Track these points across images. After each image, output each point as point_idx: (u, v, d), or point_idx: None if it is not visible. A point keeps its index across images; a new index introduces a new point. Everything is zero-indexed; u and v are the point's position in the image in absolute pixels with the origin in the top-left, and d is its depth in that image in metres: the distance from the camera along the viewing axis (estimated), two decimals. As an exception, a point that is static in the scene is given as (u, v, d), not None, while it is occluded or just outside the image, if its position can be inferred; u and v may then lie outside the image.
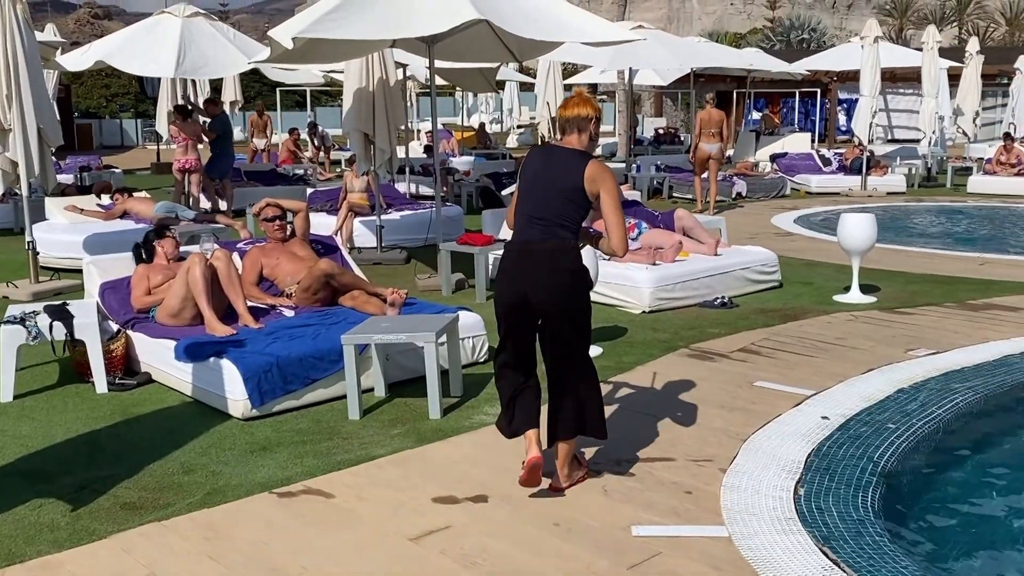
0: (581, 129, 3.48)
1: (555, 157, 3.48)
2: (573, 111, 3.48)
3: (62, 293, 7.10)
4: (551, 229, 3.38)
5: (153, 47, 11.00)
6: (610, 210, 3.37)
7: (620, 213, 3.40)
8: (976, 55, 18.04)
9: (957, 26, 53.70)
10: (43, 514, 3.38)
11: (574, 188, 3.38)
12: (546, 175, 3.45)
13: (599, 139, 3.63)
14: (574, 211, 3.41)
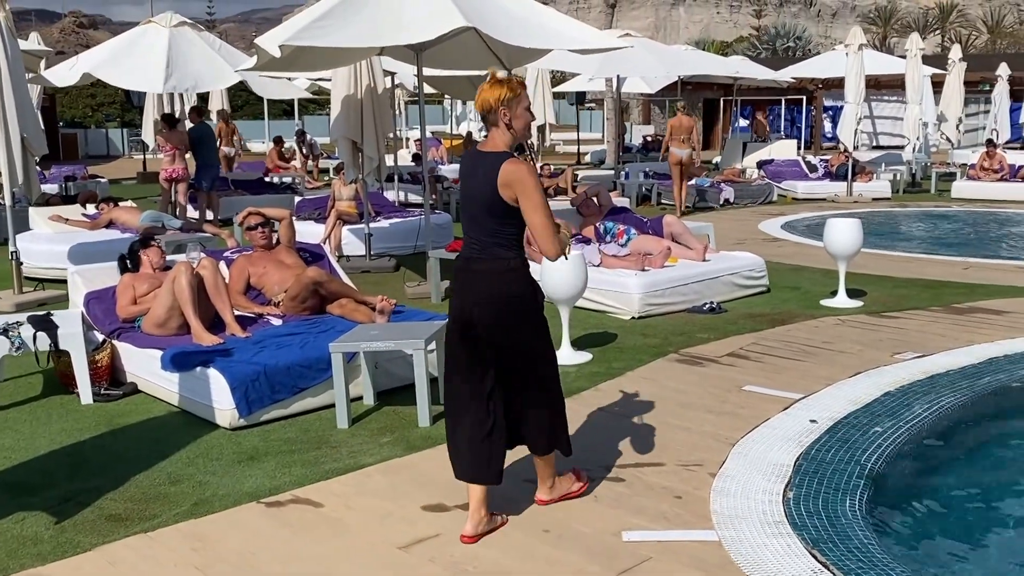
0: (493, 122, 3.06)
1: (476, 165, 3.09)
2: (478, 103, 3.08)
3: (46, 304, 7.04)
4: (487, 249, 3.07)
5: (141, 60, 10.97)
6: (530, 214, 2.97)
7: (543, 215, 2.98)
8: (959, 62, 18.23)
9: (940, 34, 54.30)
10: (27, 527, 3.34)
11: (493, 201, 3.01)
12: (469, 188, 3.11)
13: (527, 125, 3.11)
14: (504, 225, 3.04)
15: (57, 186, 14.42)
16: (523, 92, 3.09)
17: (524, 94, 3.09)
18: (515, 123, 3.06)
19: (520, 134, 3.10)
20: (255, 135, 30.54)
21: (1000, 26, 56.48)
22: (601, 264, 6.96)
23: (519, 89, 3.07)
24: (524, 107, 3.08)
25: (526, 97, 3.10)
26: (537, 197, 2.98)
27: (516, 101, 3.05)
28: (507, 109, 3.05)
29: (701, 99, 30.72)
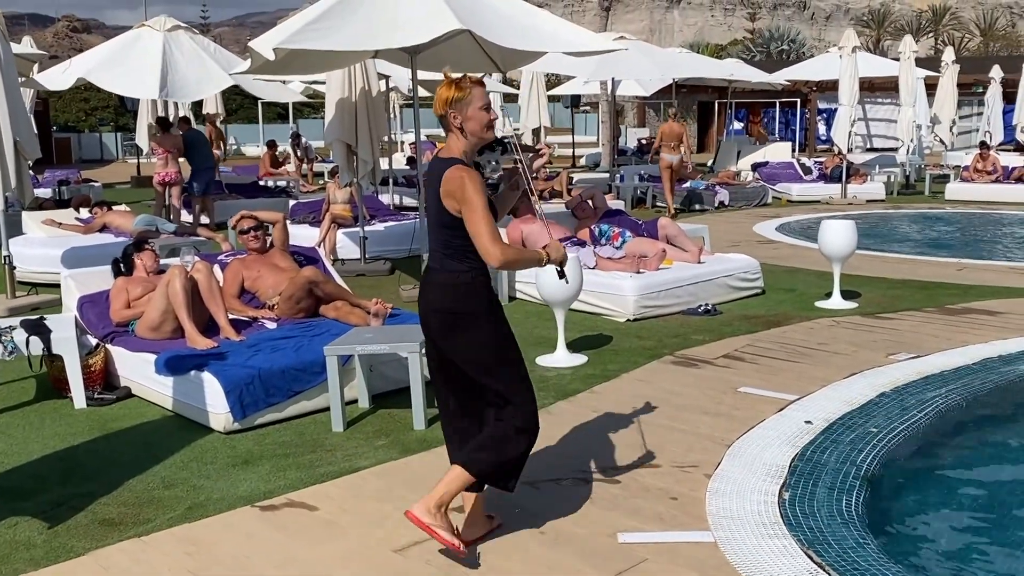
0: (447, 127, 2.92)
1: (431, 173, 3.00)
2: (434, 105, 2.96)
3: (39, 308, 7.01)
4: (441, 260, 2.98)
5: (135, 65, 10.95)
6: (469, 221, 2.82)
7: (482, 221, 2.80)
8: (952, 64, 18.30)
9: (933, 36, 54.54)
10: (19, 532, 3.32)
11: (439, 211, 2.92)
12: (427, 197, 3.02)
13: (485, 127, 2.91)
14: (453, 236, 2.91)
15: (50, 190, 14.38)
16: (474, 92, 2.87)
17: (476, 94, 2.87)
18: (468, 126, 2.89)
19: (478, 137, 2.93)
20: (250, 139, 30.52)
21: (993, 29, 56.75)
22: (596, 266, 6.96)
23: (469, 89, 2.87)
24: (478, 107, 2.88)
25: (480, 96, 2.89)
26: (476, 201, 2.80)
27: (465, 103, 2.87)
28: (456, 112, 2.88)
29: (695, 102, 30.78)
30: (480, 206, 2.81)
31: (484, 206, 2.82)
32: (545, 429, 4.28)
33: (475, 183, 2.82)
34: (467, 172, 2.85)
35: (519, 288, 7.39)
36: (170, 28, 11.47)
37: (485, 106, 2.90)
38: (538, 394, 4.76)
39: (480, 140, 2.94)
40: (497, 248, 2.80)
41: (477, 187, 2.83)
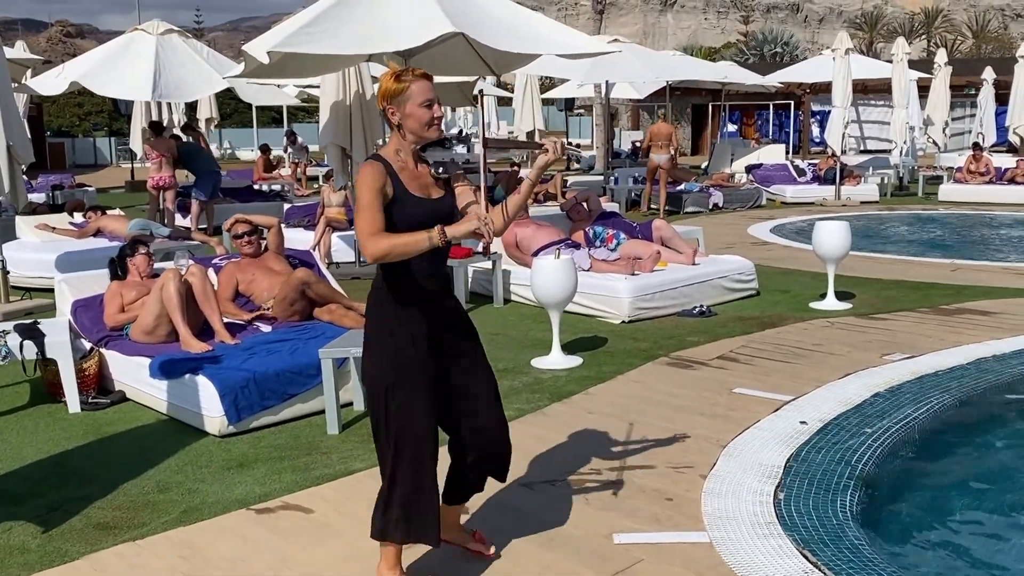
0: (388, 124, 2.75)
1: None
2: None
3: (33, 313, 6.98)
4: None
5: (128, 68, 10.93)
6: (355, 217, 2.67)
7: (362, 216, 2.60)
8: (944, 66, 18.37)
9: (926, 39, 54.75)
10: (13, 537, 3.31)
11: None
12: None
13: (426, 124, 2.67)
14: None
15: (44, 195, 14.32)
16: (414, 86, 2.63)
17: (416, 88, 2.62)
18: (406, 123, 2.66)
19: (417, 136, 2.68)
20: (244, 143, 30.51)
21: (985, 31, 56.99)
22: (591, 268, 6.97)
23: (408, 82, 2.63)
24: (417, 103, 2.63)
25: (421, 91, 2.63)
26: (361, 196, 2.59)
27: (404, 97, 2.63)
28: (395, 107, 2.65)
29: (689, 105, 30.86)
30: (365, 201, 2.59)
31: (370, 201, 2.58)
32: (540, 431, 4.31)
33: (367, 178, 2.61)
34: (364, 167, 2.66)
35: (513, 290, 7.39)
36: (163, 32, 11.46)
37: (426, 102, 2.63)
38: (533, 396, 4.85)
39: (420, 139, 2.70)
40: (369, 242, 2.55)
41: (367, 182, 2.60)
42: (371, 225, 2.58)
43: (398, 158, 2.69)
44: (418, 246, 2.55)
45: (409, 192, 2.66)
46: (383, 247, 2.55)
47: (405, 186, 2.66)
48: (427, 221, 2.60)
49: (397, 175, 2.65)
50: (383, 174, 2.62)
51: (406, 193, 2.65)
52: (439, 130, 2.71)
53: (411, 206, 2.65)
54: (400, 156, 2.70)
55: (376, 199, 2.59)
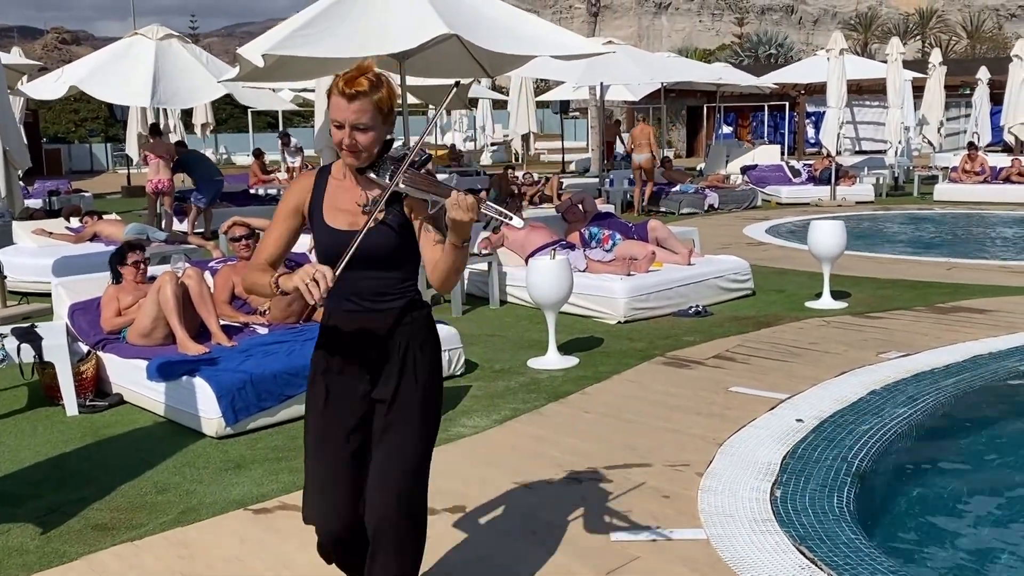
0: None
1: None
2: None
3: (31, 317, 6.99)
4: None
5: (127, 73, 10.94)
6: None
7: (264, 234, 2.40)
8: (939, 66, 18.43)
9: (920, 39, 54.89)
10: (11, 538, 3.32)
11: None
12: None
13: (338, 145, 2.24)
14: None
15: (41, 201, 14.33)
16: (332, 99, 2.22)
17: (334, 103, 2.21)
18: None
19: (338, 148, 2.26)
20: (240, 148, 30.48)
21: (979, 31, 57.15)
22: (587, 269, 6.99)
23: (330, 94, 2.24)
24: (332, 120, 2.24)
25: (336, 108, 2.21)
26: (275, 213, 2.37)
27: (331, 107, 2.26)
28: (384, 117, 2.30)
29: (684, 107, 30.91)
30: (275, 216, 2.37)
31: (276, 218, 2.35)
32: (537, 430, 4.32)
33: (290, 188, 2.39)
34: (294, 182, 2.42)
35: (510, 292, 7.41)
36: (162, 37, 11.48)
37: (336, 123, 2.23)
38: (529, 396, 4.86)
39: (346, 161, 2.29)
40: (247, 271, 2.34)
41: (286, 195, 2.37)
42: (259, 251, 2.33)
43: (342, 171, 2.34)
44: (264, 288, 2.23)
45: (323, 216, 2.30)
46: (246, 280, 2.30)
47: (323, 207, 2.30)
48: (328, 254, 2.24)
49: (324, 191, 2.32)
50: (306, 189, 2.33)
51: (319, 217, 2.30)
52: (352, 158, 2.24)
53: (318, 231, 2.31)
54: (344, 169, 2.34)
55: (284, 220, 2.32)
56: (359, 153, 2.22)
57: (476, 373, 5.36)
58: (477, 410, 4.66)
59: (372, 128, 2.20)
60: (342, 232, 2.24)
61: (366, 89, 2.18)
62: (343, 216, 2.28)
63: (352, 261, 2.14)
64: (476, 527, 3.29)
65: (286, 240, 2.33)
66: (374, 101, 2.19)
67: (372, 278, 2.28)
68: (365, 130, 2.20)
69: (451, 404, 4.75)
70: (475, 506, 3.45)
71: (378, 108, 2.20)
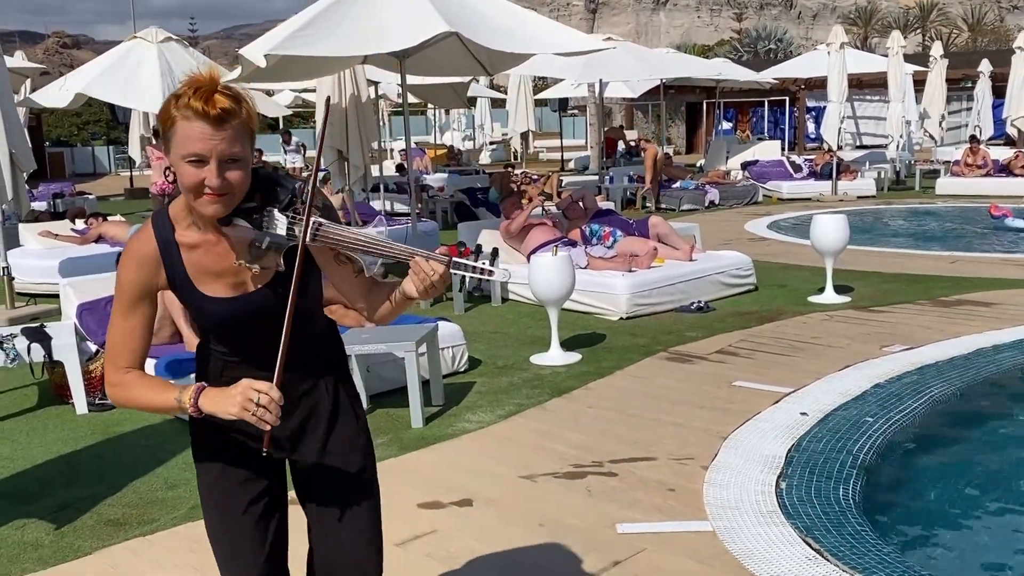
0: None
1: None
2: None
3: (39, 318, 7.04)
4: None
5: (132, 76, 10.96)
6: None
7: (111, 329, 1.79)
8: (940, 59, 18.39)
9: (921, 33, 54.74)
10: (27, 533, 3.37)
11: None
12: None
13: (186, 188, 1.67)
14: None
15: (45, 203, 14.37)
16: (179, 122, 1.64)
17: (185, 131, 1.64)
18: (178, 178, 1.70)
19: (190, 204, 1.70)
20: (241, 149, 30.40)
21: (981, 24, 57.02)
22: (588, 266, 7.01)
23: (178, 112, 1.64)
24: (181, 155, 1.66)
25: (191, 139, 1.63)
26: (116, 301, 1.79)
27: (168, 137, 1.68)
28: (163, 150, 1.73)
29: (683, 103, 30.89)
30: (118, 306, 1.76)
31: (123, 308, 1.75)
32: (541, 425, 4.35)
33: (126, 260, 1.75)
34: (133, 239, 1.78)
35: (512, 289, 7.43)
36: (162, 40, 11.51)
37: (191, 157, 1.64)
38: (533, 391, 4.89)
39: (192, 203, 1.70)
40: (109, 382, 1.77)
41: (124, 270, 1.75)
42: (116, 353, 1.75)
43: (191, 220, 1.75)
44: (166, 408, 1.73)
45: (196, 289, 1.75)
46: (121, 399, 1.76)
47: (191, 278, 1.75)
48: (234, 327, 1.78)
49: (180, 259, 1.74)
50: (151, 265, 1.74)
51: (191, 290, 1.75)
52: (216, 205, 1.67)
53: (200, 308, 1.78)
54: (194, 219, 1.75)
55: (134, 308, 1.74)
56: (231, 196, 1.66)
57: (479, 369, 5.40)
58: (481, 406, 4.69)
59: (243, 160, 1.66)
60: (235, 299, 1.76)
61: (232, 107, 1.63)
62: (222, 283, 1.76)
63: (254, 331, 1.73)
64: (483, 520, 3.32)
65: (147, 330, 1.76)
66: (244, 122, 1.66)
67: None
68: (236, 163, 1.64)
69: (455, 400, 4.79)
70: (482, 500, 3.48)
71: (248, 132, 1.67)
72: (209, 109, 1.61)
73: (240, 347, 1.81)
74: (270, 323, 1.71)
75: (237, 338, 1.79)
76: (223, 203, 1.67)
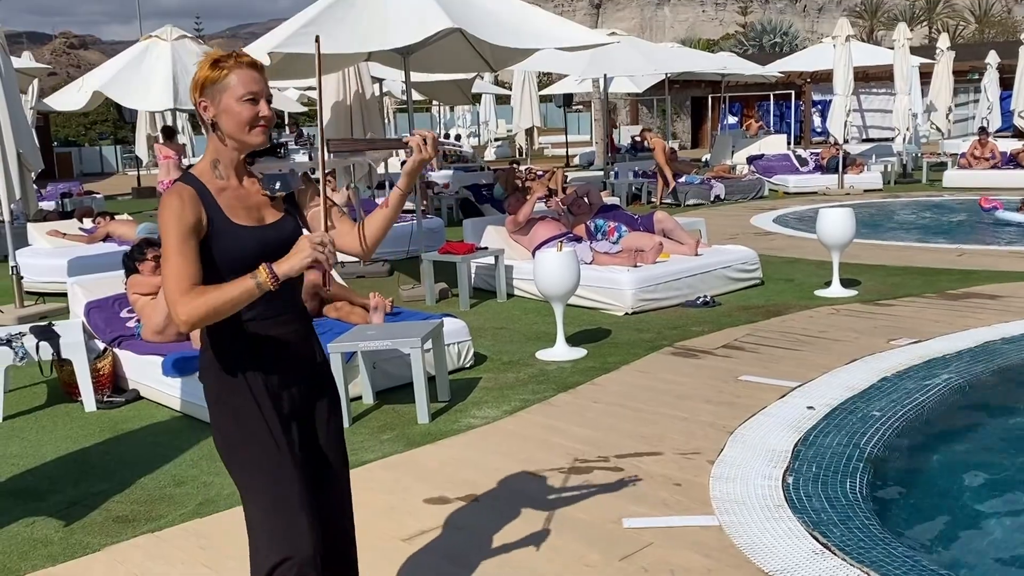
0: (203, 126, 2.12)
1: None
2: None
3: (47, 316, 7.07)
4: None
5: (147, 76, 11.02)
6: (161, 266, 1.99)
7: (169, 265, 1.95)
8: (947, 51, 18.30)
9: (927, 25, 54.41)
10: (36, 530, 3.39)
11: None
12: None
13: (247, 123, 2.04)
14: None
15: (54, 203, 14.45)
16: (233, 75, 2.01)
17: (236, 78, 2.01)
18: (222, 122, 2.03)
19: (238, 141, 2.05)
20: (247, 147, 30.51)
21: (988, 15, 56.66)
22: (593, 261, 7.00)
23: (227, 67, 2.02)
24: (236, 96, 2.02)
25: (244, 81, 2.02)
26: (167, 238, 1.96)
27: (219, 88, 2.02)
28: (207, 100, 2.04)
29: (689, 98, 30.82)
30: (171, 244, 1.94)
31: (177, 245, 1.94)
32: (547, 420, 4.35)
33: (170, 213, 1.96)
34: (166, 196, 2.00)
35: (516, 285, 7.43)
36: (176, 38, 11.56)
37: (248, 96, 2.02)
38: (539, 387, 4.89)
39: (242, 146, 2.06)
40: (180, 304, 1.90)
41: (171, 220, 1.96)
42: (181, 279, 1.92)
43: (215, 174, 2.06)
44: (245, 296, 1.92)
45: (231, 220, 2.03)
46: (200, 309, 1.90)
47: (225, 213, 2.03)
48: (259, 255, 1.98)
49: (214, 199, 2.03)
50: (193, 204, 1.99)
51: (227, 222, 2.02)
52: (264, 135, 2.06)
53: (235, 238, 2.02)
54: (218, 171, 2.07)
55: (186, 242, 1.95)
56: (270, 128, 2.09)
57: (485, 365, 5.40)
58: (487, 401, 4.70)
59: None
60: (262, 228, 2.06)
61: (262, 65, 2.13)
62: (249, 216, 2.06)
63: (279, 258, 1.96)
64: (489, 515, 3.33)
65: (199, 262, 1.97)
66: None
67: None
68: (270, 103, 2.09)
69: (461, 396, 4.80)
70: (487, 494, 3.49)
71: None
72: (246, 59, 2.06)
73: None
74: (282, 254, 1.98)
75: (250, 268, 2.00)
76: (267, 133, 2.08)
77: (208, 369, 2.08)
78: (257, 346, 2.07)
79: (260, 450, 2.04)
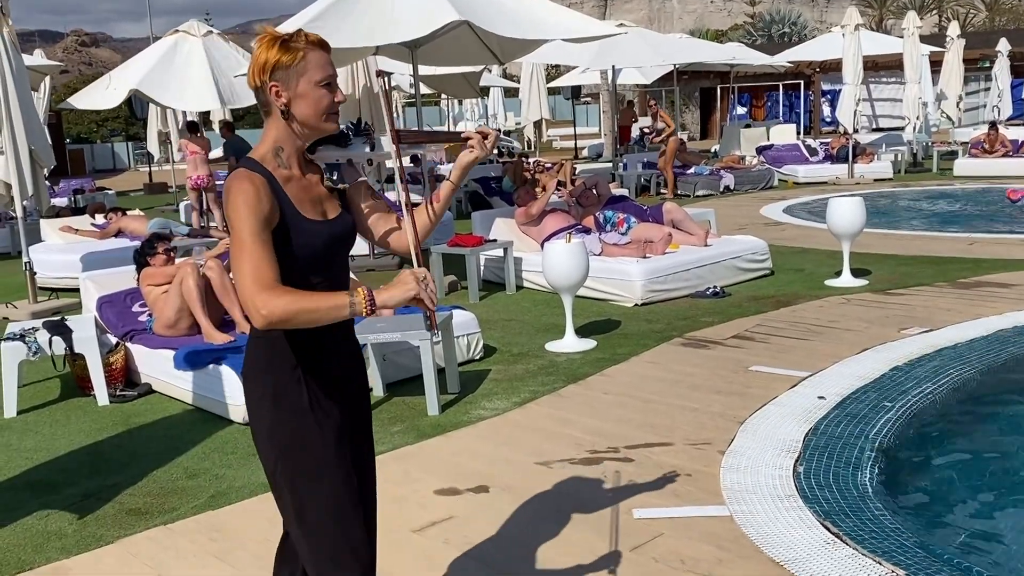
0: (265, 109, 1.94)
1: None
2: (248, 75, 1.95)
3: (60, 312, 7.12)
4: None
5: (183, 75, 10.98)
6: (231, 255, 1.84)
7: (244, 255, 1.78)
8: (957, 39, 18.15)
9: (937, 13, 53.96)
10: (50, 523, 3.42)
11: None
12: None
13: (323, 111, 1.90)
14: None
15: (66, 199, 14.55)
16: (310, 57, 1.86)
17: (313, 60, 1.87)
18: (297, 108, 1.88)
19: (312, 128, 1.91)
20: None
21: (999, 3, 56.13)
22: (602, 253, 7.00)
23: (302, 51, 1.86)
24: (315, 81, 1.87)
25: (319, 64, 1.88)
26: (240, 226, 1.79)
27: (296, 71, 1.86)
28: (280, 85, 1.87)
29: (697, 88, 30.69)
30: (246, 236, 1.78)
31: (253, 234, 1.78)
32: (557, 411, 4.35)
33: (244, 200, 1.79)
34: (236, 181, 1.83)
35: (526, 277, 7.44)
36: (204, 33, 11.55)
37: (325, 80, 1.89)
38: (548, 378, 4.90)
39: (315, 133, 1.93)
40: (261, 300, 1.73)
41: (246, 207, 1.79)
42: (261, 271, 1.76)
43: (277, 162, 1.91)
44: (333, 312, 1.76)
45: (301, 214, 1.89)
46: (285, 309, 1.74)
47: (296, 205, 1.89)
48: (325, 254, 1.92)
49: (282, 189, 1.88)
50: (267, 192, 1.83)
51: (297, 216, 1.88)
52: (337, 122, 1.96)
53: (307, 234, 1.89)
54: (281, 159, 1.91)
55: (264, 230, 1.80)
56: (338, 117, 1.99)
57: (495, 357, 5.41)
58: (497, 393, 4.70)
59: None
60: (328, 222, 1.94)
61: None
62: (313, 210, 1.93)
63: (339, 255, 1.92)
64: (500, 506, 3.34)
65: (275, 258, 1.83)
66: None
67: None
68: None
69: (471, 387, 4.81)
70: (498, 486, 3.50)
71: None
72: (325, 42, 1.90)
73: (327, 273, 1.94)
74: (343, 251, 1.96)
75: (325, 263, 1.93)
76: (338, 120, 1.97)
77: (262, 370, 1.92)
78: (317, 345, 1.92)
79: (322, 454, 1.92)
